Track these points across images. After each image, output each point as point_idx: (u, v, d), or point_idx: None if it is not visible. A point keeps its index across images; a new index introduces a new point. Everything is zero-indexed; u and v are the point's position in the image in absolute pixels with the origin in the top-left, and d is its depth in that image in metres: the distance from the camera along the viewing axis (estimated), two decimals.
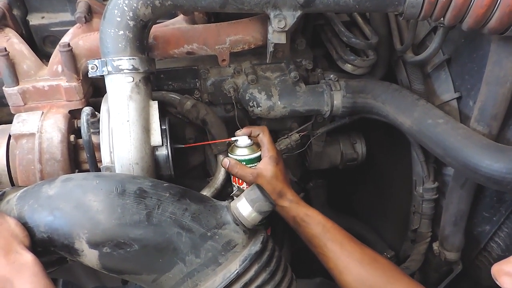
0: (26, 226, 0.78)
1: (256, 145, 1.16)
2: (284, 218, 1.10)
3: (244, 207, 0.85)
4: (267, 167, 1.11)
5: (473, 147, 0.97)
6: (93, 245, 0.78)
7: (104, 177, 0.84)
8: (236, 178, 1.16)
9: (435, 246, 1.32)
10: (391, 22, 1.27)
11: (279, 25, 0.97)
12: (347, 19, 1.36)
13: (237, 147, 1.15)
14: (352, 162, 1.50)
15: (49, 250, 0.80)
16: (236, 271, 0.81)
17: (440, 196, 1.30)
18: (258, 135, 1.15)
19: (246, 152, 1.14)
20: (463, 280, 1.36)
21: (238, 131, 1.17)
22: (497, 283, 0.69)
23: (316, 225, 1.05)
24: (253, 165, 1.14)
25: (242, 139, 1.14)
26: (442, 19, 0.91)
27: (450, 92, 1.18)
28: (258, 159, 1.14)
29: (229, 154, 1.17)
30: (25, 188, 0.86)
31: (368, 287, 0.99)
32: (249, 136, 1.15)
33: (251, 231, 0.87)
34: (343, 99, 1.22)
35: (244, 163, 1.13)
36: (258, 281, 0.82)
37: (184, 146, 1.14)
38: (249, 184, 1.12)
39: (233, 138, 1.16)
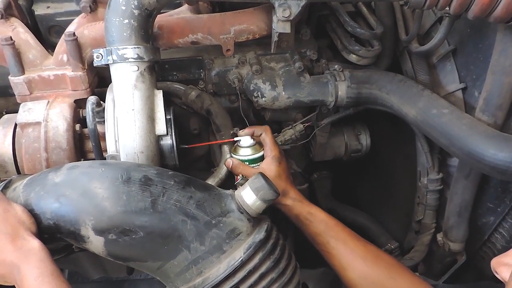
0: (32, 213, 0.79)
1: (258, 144, 1.16)
2: (288, 216, 1.11)
3: (249, 196, 0.86)
4: (270, 166, 1.11)
5: (477, 136, 0.97)
6: (99, 231, 0.78)
7: (109, 165, 0.85)
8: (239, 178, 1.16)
9: (439, 237, 1.32)
10: (396, 12, 1.26)
11: (284, 14, 0.97)
12: (352, 10, 1.35)
13: (240, 147, 1.16)
14: (356, 153, 1.50)
15: (55, 237, 0.81)
16: (241, 258, 0.82)
17: (444, 187, 1.30)
18: (261, 134, 1.15)
19: (249, 152, 1.15)
20: (467, 271, 1.37)
21: (240, 131, 1.17)
22: (496, 275, 0.71)
23: (319, 223, 1.06)
24: (256, 164, 1.15)
25: (244, 139, 1.15)
26: (447, 8, 0.91)
27: (455, 83, 1.17)
28: (261, 158, 1.15)
29: (232, 154, 1.18)
30: (31, 176, 0.87)
31: (371, 283, 1.00)
32: (252, 136, 1.16)
33: (255, 220, 0.87)
34: (347, 89, 1.22)
35: (247, 163, 1.14)
36: (262, 269, 0.83)
37: (188, 146, 1.15)
38: None
39: (235, 138, 1.17)
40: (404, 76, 1.24)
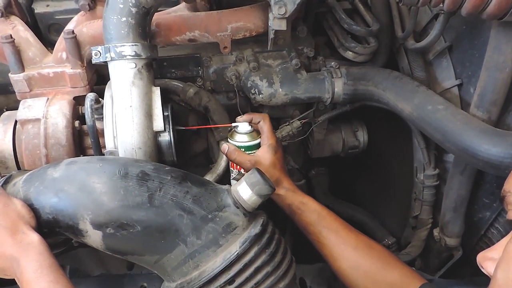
0: (32, 207, 0.81)
1: (256, 132, 1.15)
2: (280, 206, 1.11)
3: (244, 191, 0.87)
4: (265, 155, 1.11)
5: (471, 132, 0.97)
6: (97, 226, 0.80)
7: (107, 160, 0.86)
8: (235, 164, 1.16)
9: (436, 232, 1.33)
10: (393, 9, 1.27)
11: (280, 12, 0.98)
12: (349, 7, 1.36)
13: (237, 133, 1.15)
14: (353, 149, 1.51)
15: (54, 231, 0.82)
16: (236, 252, 0.83)
17: (441, 182, 1.31)
18: (259, 122, 1.14)
19: (246, 139, 1.14)
20: (464, 266, 1.37)
21: (239, 117, 1.16)
22: (482, 270, 0.71)
23: (311, 212, 1.06)
24: (252, 152, 1.14)
25: (242, 125, 1.14)
26: (441, 5, 0.92)
27: (451, 79, 1.18)
28: (257, 146, 1.14)
29: (228, 139, 1.16)
30: (31, 172, 0.88)
31: (363, 273, 1.00)
32: (250, 123, 1.14)
33: (251, 214, 0.88)
34: (344, 86, 1.23)
35: (243, 149, 1.13)
36: (258, 262, 0.84)
37: (186, 128, 1.14)
38: (246, 170, 1.12)
39: (233, 124, 1.15)
40: (400, 73, 1.25)
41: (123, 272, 1.52)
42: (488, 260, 0.70)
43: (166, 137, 1.04)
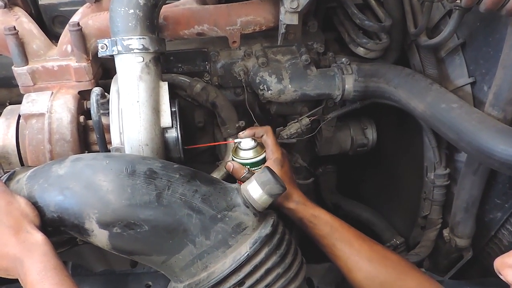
0: (36, 205, 0.79)
1: (260, 146, 1.11)
2: (292, 219, 1.09)
3: (255, 190, 0.85)
4: None
5: (487, 131, 0.95)
6: (103, 225, 0.78)
7: (114, 157, 0.84)
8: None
9: (446, 232, 1.31)
10: (405, 5, 1.24)
11: (292, 6, 0.96)
12: (360, 2, 1.33)
13: (241, 149, 1.11)
14: (362, 148, 1.49)
15: (59, 230, 0.80)
16: (246, 253, 0.81)
17: (451, 182, 1.29)
18: (262, 136, 1.11)
19: (250, 155, 1.10)
20: (473, 267, 1.36)
21: (240, 133, 1.13)
22: (501, 277, 0.68)
23: (324, 225, 1.04)
24: (258, 168, 1.10)
25: (245, 141, 1.10)
26: (458, 0, 0.89)
27: (464, 77, 1.16)
28: (263, 161, 1.10)
29: (232, 157, 1.13)
30: (35, 168, 0.86)
31: (379, 284, 0.98)
32: (253, 137, 1.11)
33: (261, 214, 0.87)
34: (354, 83, 1.21)
35: (248, 166, 1.10)
36: (268, 264, 0.82)
37: (187, 147, 1.10)
38: None
39: (236, 140, 1.12)
40: (412, 70, 1.23)
41: (126, 269, 1.50)
42: (508, 267, 0.67)
43: (173, 134, 1.02)
